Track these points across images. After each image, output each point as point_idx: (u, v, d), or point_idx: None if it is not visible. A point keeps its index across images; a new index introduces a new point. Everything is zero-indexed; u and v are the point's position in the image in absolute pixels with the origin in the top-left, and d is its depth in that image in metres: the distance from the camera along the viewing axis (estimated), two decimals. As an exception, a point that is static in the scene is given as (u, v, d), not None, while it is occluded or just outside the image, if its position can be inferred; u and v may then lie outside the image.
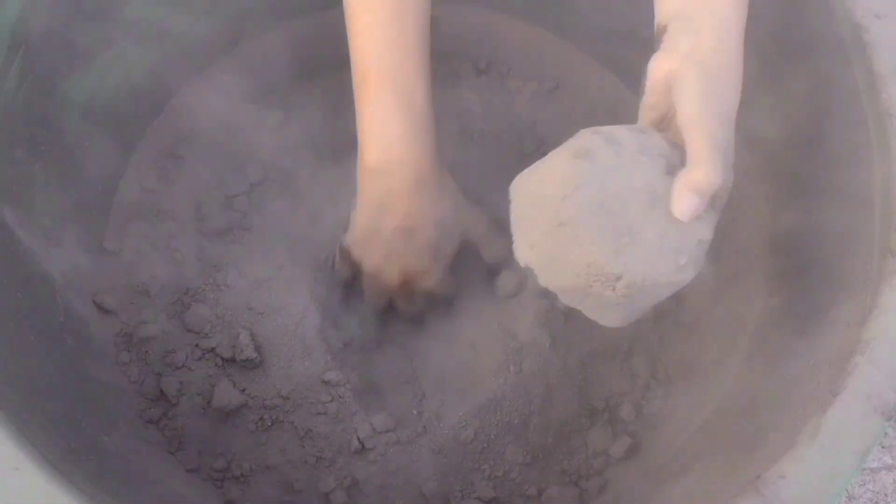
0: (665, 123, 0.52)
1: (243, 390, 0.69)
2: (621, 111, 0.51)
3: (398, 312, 0.71)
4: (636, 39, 0.75)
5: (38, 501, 0.43)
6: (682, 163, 0.47)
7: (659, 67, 0.49)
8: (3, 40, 0.59)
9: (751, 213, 0.69)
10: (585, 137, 0.48)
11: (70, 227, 0.69)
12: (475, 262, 0.72)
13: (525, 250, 0.48)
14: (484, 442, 0.69)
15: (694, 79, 0.47)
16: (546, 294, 0.73)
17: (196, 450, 0.68)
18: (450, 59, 0.84)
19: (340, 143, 0.73)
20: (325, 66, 0.80)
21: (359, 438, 0.68)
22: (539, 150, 0.81)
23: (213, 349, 0.71)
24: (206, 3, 0.75)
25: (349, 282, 0.71)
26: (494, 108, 0.84)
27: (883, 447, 0.87)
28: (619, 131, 0.48)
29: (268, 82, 0.82)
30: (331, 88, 0.78)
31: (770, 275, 0.65)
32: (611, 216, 0.45)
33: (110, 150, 0.74)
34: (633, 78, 0.78)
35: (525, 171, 0.50)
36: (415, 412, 0.70)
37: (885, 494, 0.85)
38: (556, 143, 0.50)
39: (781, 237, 0.64)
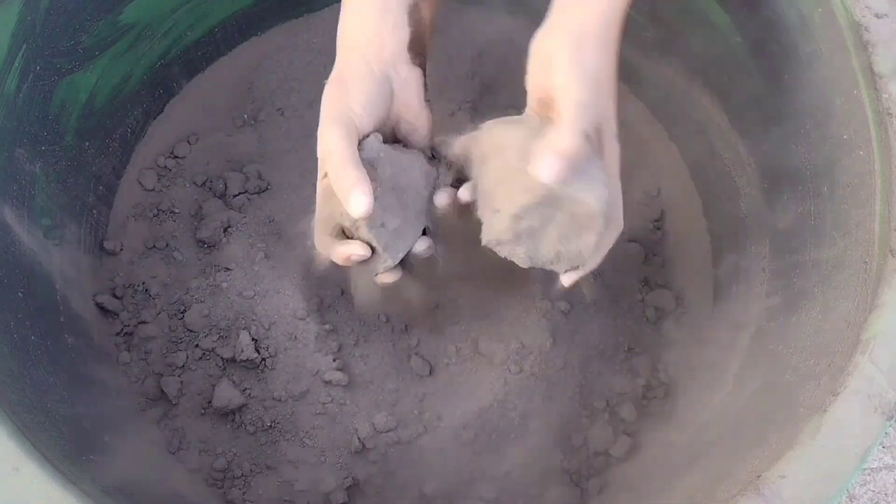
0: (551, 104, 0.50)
1: (243, 390, 0.69)
2: (621, 111, 0.51)
3: None
4: (635, 40, 0.75)
5: (38, 501, 0.43)
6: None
7: (539, 46, 0.49)
8: (3, 40, 0.59)
9: (751, 213, 0.69)
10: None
11: (70, 227, 0.69)
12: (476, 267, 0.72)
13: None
14: (484, 442, 0.69)
15: (565, 50, 0.47)
16: (547, 295, 0.73)
17: (196, 450, 0.68)
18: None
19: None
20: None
21: (359, 438, 0.68)
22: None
23: (213, 349, 0.71)
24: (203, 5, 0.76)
25: None
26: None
27: (883, 447, 0.87)
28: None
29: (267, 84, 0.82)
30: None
31: (770, 274, 0.65)
32: None
33: (110, 150, 0.75)
34: (633, 76, 0.78)
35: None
36: (415, 412, 0.70)
37: (886, 494, 0.84)
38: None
39: (781, 237, 0.64)
